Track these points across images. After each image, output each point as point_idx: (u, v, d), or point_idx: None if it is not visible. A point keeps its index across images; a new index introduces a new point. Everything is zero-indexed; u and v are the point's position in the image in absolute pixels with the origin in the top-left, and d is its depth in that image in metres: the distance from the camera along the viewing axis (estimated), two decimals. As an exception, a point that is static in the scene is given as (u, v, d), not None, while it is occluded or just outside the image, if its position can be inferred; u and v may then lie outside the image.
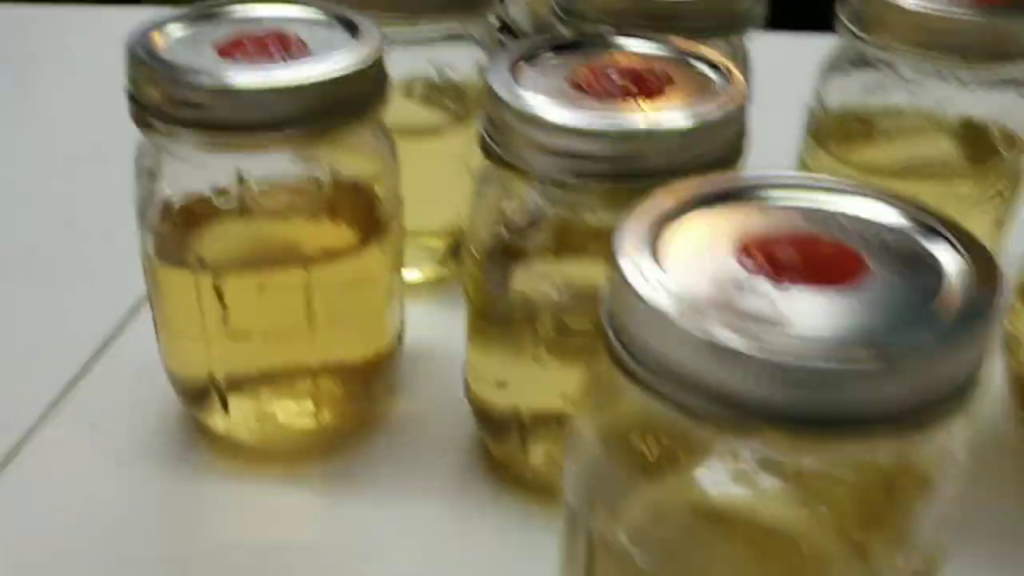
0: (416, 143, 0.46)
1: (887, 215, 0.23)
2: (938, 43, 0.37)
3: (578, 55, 0.33)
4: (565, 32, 0.42)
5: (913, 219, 0.23)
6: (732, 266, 0.21)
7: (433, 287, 0.48)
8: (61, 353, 0.44)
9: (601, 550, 0.24)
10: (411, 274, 0.48)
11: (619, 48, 0.34)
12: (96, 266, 0.50)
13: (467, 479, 0.39)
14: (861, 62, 0.41)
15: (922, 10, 0.38)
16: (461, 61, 0.44)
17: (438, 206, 0.45)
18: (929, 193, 0.26)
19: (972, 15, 0.37)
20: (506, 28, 0.52)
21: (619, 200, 0.26)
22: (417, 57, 0.44)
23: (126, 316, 0.46)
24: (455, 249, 0.47)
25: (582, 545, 0.25)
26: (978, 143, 0.41)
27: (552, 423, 0.35)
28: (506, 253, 0.33)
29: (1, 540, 0.36)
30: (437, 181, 0.44)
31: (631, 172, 0.29)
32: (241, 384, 0.38)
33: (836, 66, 0.43)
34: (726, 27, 0.42)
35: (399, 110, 0.44)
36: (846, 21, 0.41)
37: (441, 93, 0.45)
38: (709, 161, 0.30)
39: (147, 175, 0.34)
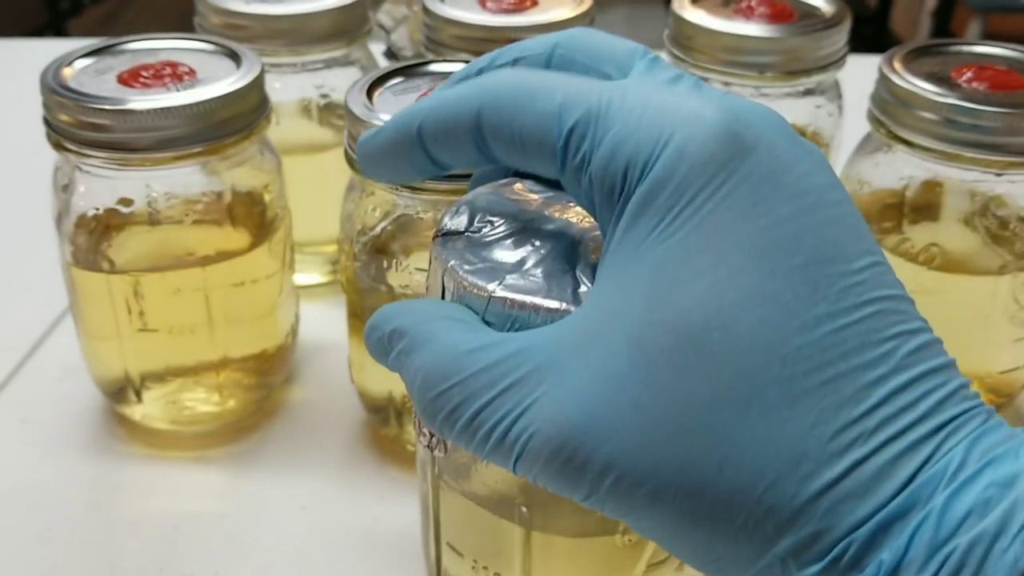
0: (313, 158, 0.52)
1: None
2: (738, 61, 0.44)
3: (427, 78, 0.39)
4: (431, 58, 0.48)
5: None
6: None
7: (326, 289, 0.54)
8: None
9: (435, 482, 0.30)
10: (307, 278, 0.53)
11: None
12: (24, 278, 0.55)
13: (354, 455, 0.44)
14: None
15: (723, 30, 0.44)
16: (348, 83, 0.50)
17: (332, 217, 0.51)
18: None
19: (767, 33, 0.44)
20: (391, 53, 0.58)
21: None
22: (307, 82, 0.50)
23: (53, 323, 0.51)
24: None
25: (429, 485, 0.30)
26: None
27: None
28: (372, 250, 0.39)
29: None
30: (331, 194, 0.49)
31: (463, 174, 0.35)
32: (152, 378, 0.43)
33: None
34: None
35: (297, 129, 0.51)
36: (667, 44, 0.47)
37: (331, 113, 0.51)
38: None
39: (62, 189, 0.39)
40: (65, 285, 0.43)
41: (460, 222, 0.26)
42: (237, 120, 0.39)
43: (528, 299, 0.23)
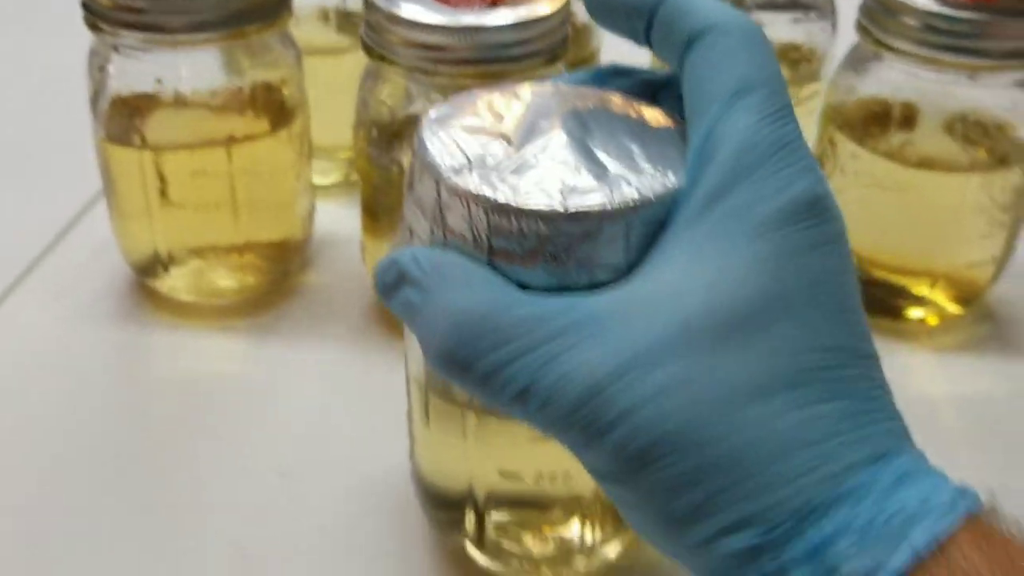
0: (329, 62, 0.54)
1: None
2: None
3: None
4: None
5: None
6: None
7: (342, 188, 0.57)
8: (28, 236, 0.52)
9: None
10: (325, 179, 0.56)
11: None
12: (58, 164, 0.58)
13: (366, 330, 0.47)
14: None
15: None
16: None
17: (347, 122, 0.54)
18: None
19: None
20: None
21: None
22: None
23: (84, 207, 0.55)
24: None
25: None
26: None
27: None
28: (387, 135, 0.42)
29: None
30: (347, 99, 0.52)
31: (471, 60, 0.38)
32: (179, 255, 0.47)
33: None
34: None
35: (315, 33, 0.53)
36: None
37: (349, 20, 0.53)
38: (535, 52, 0.39)
39: (98, 70, 0.42)
40: (98, 166, 0.46)
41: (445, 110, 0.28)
42: (261, 10, 0.42)
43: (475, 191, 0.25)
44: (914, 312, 0.48)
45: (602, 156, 0.27)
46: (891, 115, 0.45)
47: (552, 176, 0.26)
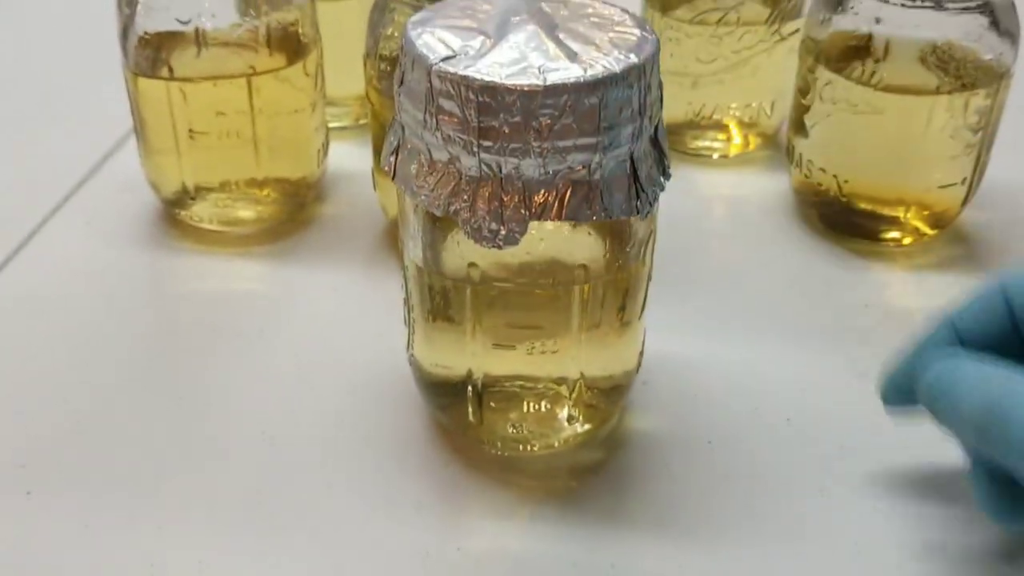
0: (338, 7, 0.57)
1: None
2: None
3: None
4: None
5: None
6: None
7: (352, 131, 0.60)
8: (63, 170, 0.56)
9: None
10: (337, 122, 0.60)
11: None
12: (92, 104, 0.62)
13: (378, 254, 0.51)
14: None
15: None
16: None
17: (355, 67, 0.57)
18: None
19: None
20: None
21: None
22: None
23: (116, 143, 0.59)
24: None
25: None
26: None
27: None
28: (395, 65, 0.45)
29: (18, 307, 0.47)
30: (354, 44, 0.55)
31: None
32: (205, 189, 0.50)
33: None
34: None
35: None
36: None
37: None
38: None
39: (126, 5, 0.46)
40: (129, 102, 0.49)
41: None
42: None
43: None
44: (890, 234, 0.51)
45: (570, 43, 0.31)
46: (864, 46, 0.48)
47: (529, 60, 0.30)
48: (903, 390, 0.36)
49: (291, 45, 0.49)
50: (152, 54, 0.47)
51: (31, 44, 0.73)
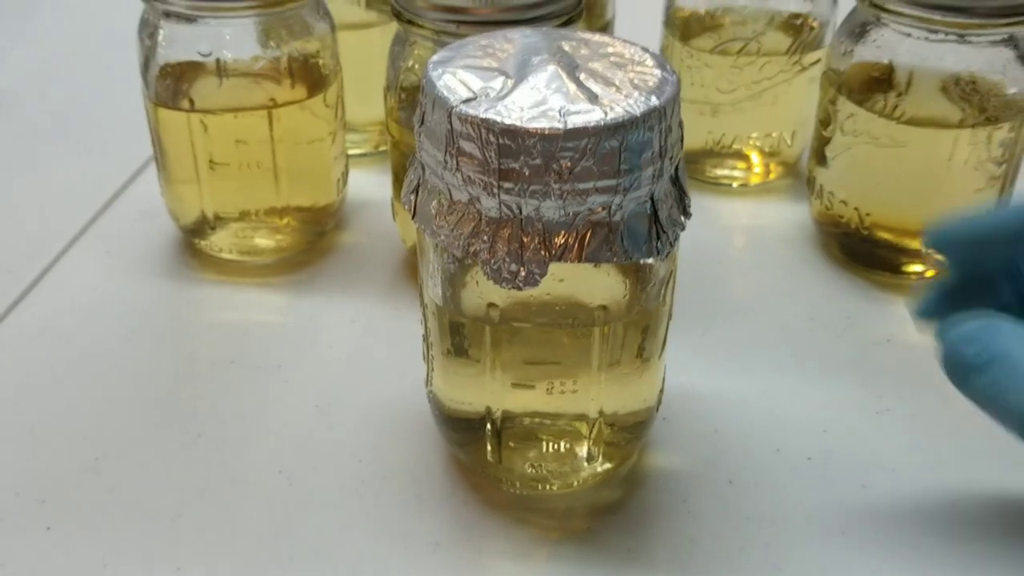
0: (359, 37, 0.58)
1: None
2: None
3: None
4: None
5: None
6: None
7: (372, 158, 0.61)
8: (83, 199, 0.57)
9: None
10: (356, 149, 0.60)
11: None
12: (112, 133, 0.63)
13: (397, 285, 0.51)
14: None
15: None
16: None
17: (376, 95, 0.57)
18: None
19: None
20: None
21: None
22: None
23: (136, 172, 0.59)
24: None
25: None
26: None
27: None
28: (415, 96, 0.45)
29: (38, 337, 0.48)
30: (375, 73, 0.56)
31: (493, 22, 0.41)
32: (225, 218, 0.50)
33: None
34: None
35: (346, 9, 0.57)
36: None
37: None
38: (552, 14, 0.42)
39: (148, 37, 0.46)
40: (149, 132, 0.50)
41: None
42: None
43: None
44: (913, 267, 0.50)
45: (591, 84, 0.30)
46: (886, 77, 0.48)
47: (550, 102, 0.29)
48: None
49: (312, 76, 0.49)
50: (173, 85, 0.47)
51: (52, 73, 0.73)
